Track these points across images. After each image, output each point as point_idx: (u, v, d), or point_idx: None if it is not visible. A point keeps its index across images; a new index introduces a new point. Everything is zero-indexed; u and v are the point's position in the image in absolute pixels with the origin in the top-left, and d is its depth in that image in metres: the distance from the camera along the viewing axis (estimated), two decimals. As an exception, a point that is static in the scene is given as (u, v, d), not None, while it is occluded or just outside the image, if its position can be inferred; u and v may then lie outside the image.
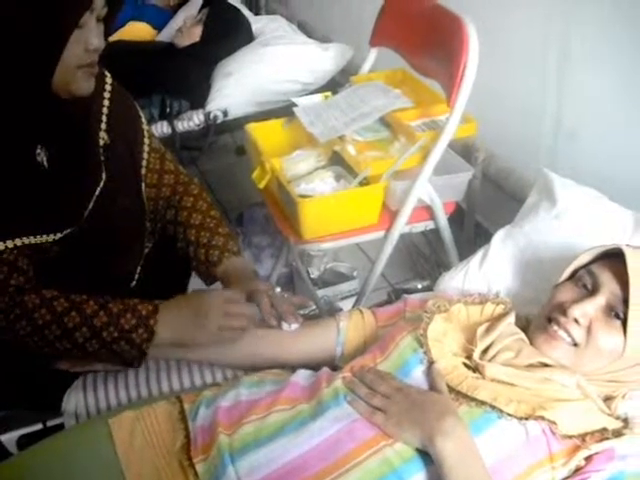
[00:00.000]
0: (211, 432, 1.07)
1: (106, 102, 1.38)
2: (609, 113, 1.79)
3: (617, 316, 1.08)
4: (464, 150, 2.09)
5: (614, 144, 1.80)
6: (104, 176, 1.35)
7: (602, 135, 1.83)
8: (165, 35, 3.09)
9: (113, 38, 3.02)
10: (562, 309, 1.11)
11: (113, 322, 1.22)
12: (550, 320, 1.12)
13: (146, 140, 1.50)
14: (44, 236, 1.25)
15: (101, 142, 1.35)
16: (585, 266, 1.17)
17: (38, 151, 1.22)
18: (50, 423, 1.33)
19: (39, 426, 1.32)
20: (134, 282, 1.51)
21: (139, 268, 1.53)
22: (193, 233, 1.51)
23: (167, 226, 1.56)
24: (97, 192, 1.33)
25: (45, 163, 1.23)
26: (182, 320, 1.26)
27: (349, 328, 1.32)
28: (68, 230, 1.28)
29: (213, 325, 1.26)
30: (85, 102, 1.27)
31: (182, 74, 2.59)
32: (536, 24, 1.94)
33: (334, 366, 1.27)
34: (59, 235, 1.27)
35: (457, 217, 2.01)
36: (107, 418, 1.15)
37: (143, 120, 1.51)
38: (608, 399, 1.12)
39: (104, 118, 1.36)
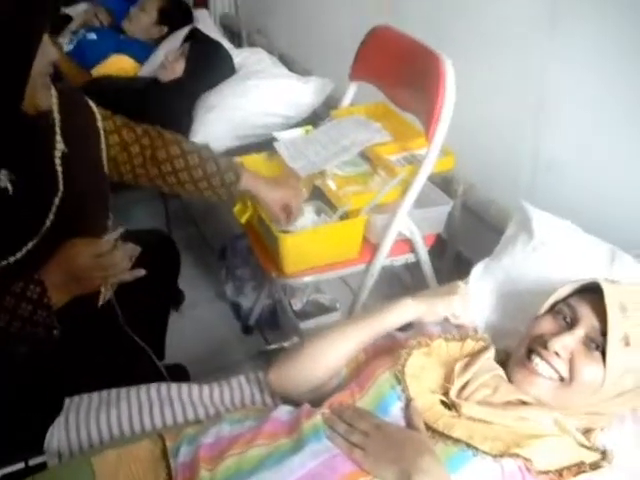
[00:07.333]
0: (192, 468, 1.06)
1: (55, 107, 1.38)
2: (586, 145, 1.81)
3: (597, 348, 1.09)
4: (444, 182, 2.12)
5: (591, 176, 1.82)
6: (61, 186, 1.34)
7: (579, 167, 1.85)
8: (148, 68, 3.10)
9: (97, 72, 3.05)
10: (542, 341, 1.12)
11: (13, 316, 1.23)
12: (531, 352, 1.13)
13: (102, 139, 1.51)
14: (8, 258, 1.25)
15: (58, 153, 1.35)
16: (564, 299, 1.19)
17: (1, 177, 1.23)
18: (32, 462, 1.31)
19: (21, 465, 1.31)
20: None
21: None
22: (199, 171, 1.55)
23: (156, 183, 1.60)
24: (56, 202, 1.33)
25: (9, 187, 1.24)
26: (68, 283, 1.27)
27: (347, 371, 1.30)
28: (29, 246, 1.27)
29: (96, 279, 1.30)
30: (45, 116, 1.29)
31: (165, 108, 2.59)
32: (515, 58, 1.97)
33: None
34: (19, 254, 1.26)
35: (438, 247, 2.02)
36: (90, 457, 1.14)
37: (97, 117, 1.51)
38: (587, 431, 1.13)
39: (57, 123, 1.37)
